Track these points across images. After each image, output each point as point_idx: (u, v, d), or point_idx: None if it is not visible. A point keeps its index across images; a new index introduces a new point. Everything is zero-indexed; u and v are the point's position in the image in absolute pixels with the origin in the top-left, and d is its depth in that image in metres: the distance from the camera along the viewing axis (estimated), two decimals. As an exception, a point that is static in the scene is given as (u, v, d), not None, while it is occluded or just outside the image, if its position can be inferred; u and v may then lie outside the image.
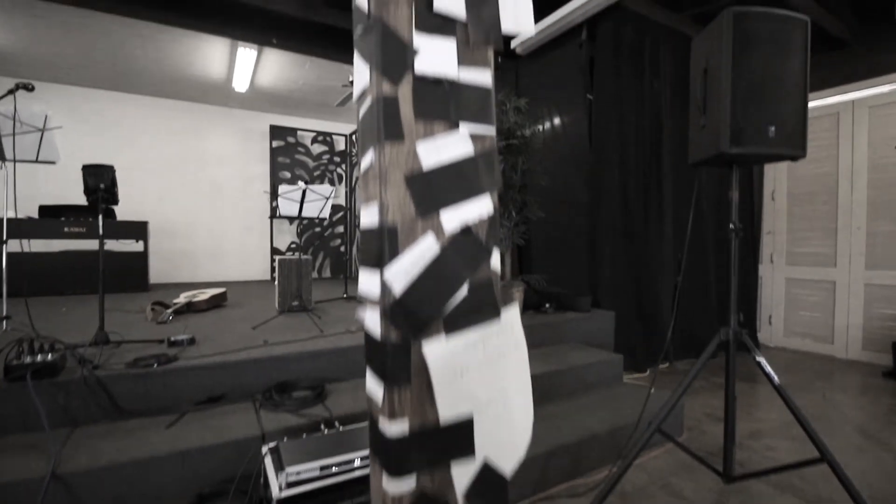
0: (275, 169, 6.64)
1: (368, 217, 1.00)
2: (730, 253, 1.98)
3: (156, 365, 2.03)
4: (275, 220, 6.68)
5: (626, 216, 4.02)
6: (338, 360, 2.41)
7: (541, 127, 4.13)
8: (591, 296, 3.98)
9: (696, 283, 4.49)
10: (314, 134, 6.96)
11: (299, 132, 6.84)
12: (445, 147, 0.96)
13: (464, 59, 0.98)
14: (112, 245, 5.10)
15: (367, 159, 1.00)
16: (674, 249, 4.26)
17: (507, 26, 1.00)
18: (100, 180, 2.25)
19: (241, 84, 5.34)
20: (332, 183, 7.09)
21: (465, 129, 1.02)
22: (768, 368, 1.94)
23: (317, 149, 7.01)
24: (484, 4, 0.97)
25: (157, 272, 5.89)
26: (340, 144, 7.18)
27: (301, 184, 3.37)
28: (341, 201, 7.18)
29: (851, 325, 4.49)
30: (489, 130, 1.06)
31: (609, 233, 3.98)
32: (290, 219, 5.08)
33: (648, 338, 4.09)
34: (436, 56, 0.93)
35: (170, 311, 3.33)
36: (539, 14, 3.70)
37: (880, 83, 4.20)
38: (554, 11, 3.54)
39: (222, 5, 3.77)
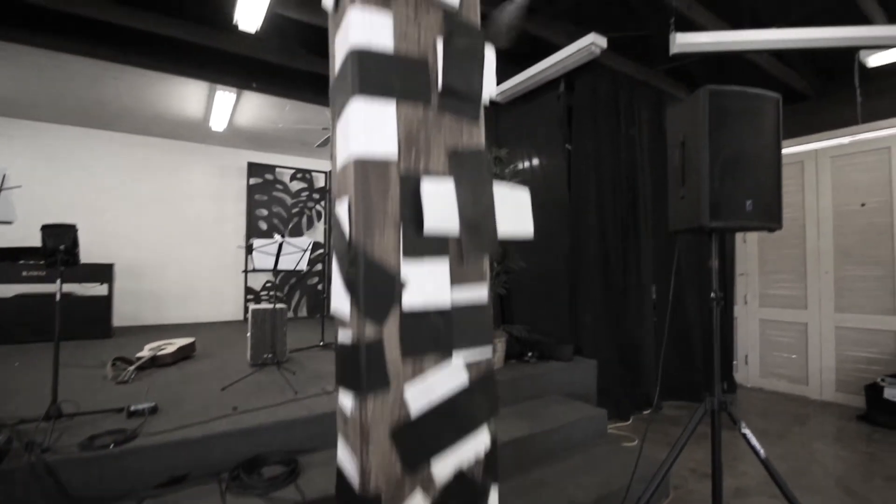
0: (251, 206, 6.51)
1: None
2: (711, 321, 1.97)
3: (112, 446, 1.87)
4: (249, 257, 6.50)
5: (606, 263, 4.05)
6: (313, 428, 2.29)
7: (521, 177, 4.17)
8: (573, 343, 3.95)
9: (675, 324, 4.52)
10: (293, 171, 6.89)
11: (278, 169, 6.77)
12: (437, 384, 0.84)
13: (457, 277, 0.84)
14: (74, 288, 4.86)
15: (348, 406, 0.86)
16: (654, 294, 4.29)
17: (504, 228, 0.87)
18: (60, 241, 2.13)
19: (218, 124, 5.27)
20: (310, 221, 6.99)
21: (460, 358, 0.88)
22: (754, 441, 1.91)
23: (296, 186, 6.93)
24: (480, 215, 0.81)
25: (123, 315, 5.62)
26: (320, 181, 7.12)
27: (277, 237, 3.27)
28: (319, 238, 7.07)
29: (825, 367, 4.57)
30: (485, 353, 0.93)
31: (589, 280, 4.00)
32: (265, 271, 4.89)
33: (630, 384, 4.07)
34: (426, 285, 0.80)
35: (132, 368, 3.15)
36: (518, 67, 3.78)
37: (840, 135, 4.42)
38: (532, 66, 3.62)
39: (201, 50, 3.74)
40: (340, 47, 0.42)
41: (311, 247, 3.45)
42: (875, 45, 2.82)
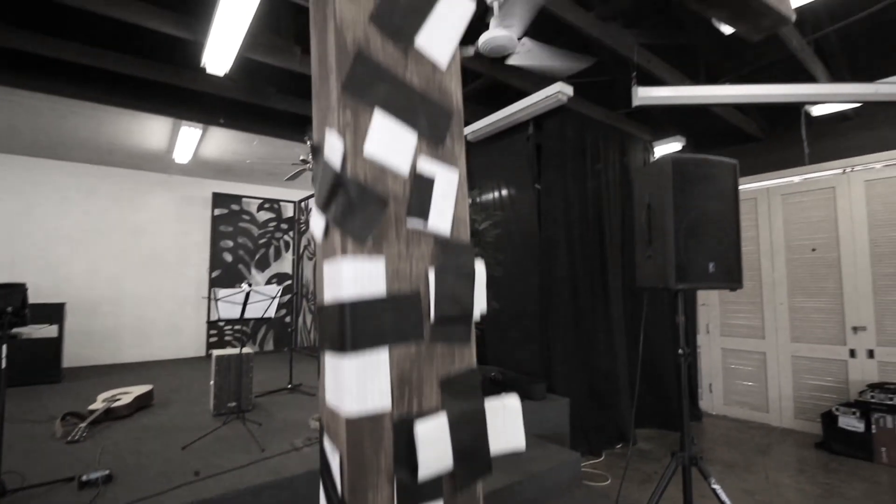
0: (216, 238, 6.32)
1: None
2: (679, 376, 2.03)
3: (61, 531, 1.73)
4: (213, 290, 6.28)
5: (575, 299, 4.12)
6: (283, 495, 2.19)
7: (494, 219, 4.23)
8: (546, 380, 3.97)
9: (645, 353, 4.61)
10: (261, 201, 6.75)
11: (244, 199, 6.61)
12: None
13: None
14: (21, 330, 4.54)
15: None
16: (621, 328, 4.39)
17: (496, 446, 0.76)
18: (8, 302, 1.99)
19: (182, 157, 5.12)
20: (278, 251, 6.83)
21: None
22: (724, 496, 1.95)
23: (263, 216, 6.78)
24: (473, 441, 0.70)
25: (74, 356, 5.29)
26: (289, 211, 7.00)
27: (244, 286, 3.18)
28: (287, 269, 6.91)
29: (783, 395, 4.75)
30: None
31: (560, 316, 4.05)
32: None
33: (602, 419, 4.11)
34: None
35: (84, 424, 2.94)
36: (488, 109, 3.86)
37: (789, 175, 4.70)
38: (502, 109, 3.70)
39: (166, 87, 3.65)
40: (331, 289, 0.41)
41: (279, 293, 3.36)
42: (818, 102, 3.04)
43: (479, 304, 0.44)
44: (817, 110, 3.79)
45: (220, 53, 2.82)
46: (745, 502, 3.20)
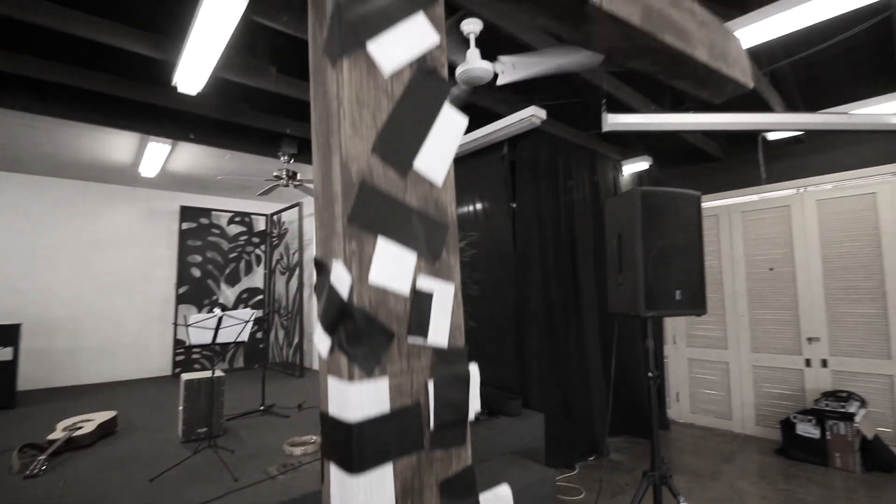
0: (183, 252, 6.14)
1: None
2: (650, 398, 2.10)
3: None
4: (180, 306, 6.09)
5: (550, 316, 4.21)
6: (257, 528, 2.15)
7: (469, 239, 4.27)
8: (521, 395, 4.03)
9: (618, 364, 4.74)
10: (231, 214, 6.60)
11: (214, 212, 6.46)
12: None
13: None
14: (-29, 353, 4.30)
15: None
16: (594, 343, 4.50)
17: None
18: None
19: (149, 171, 4.97)
20: (249, 266, 6.69)
21: None
22: (693, 514, 2.02)
23: (234, 229, 6.63)
24: None
25: (31, 378, 5.03)
26: (260, 224, 6.87)
27: (217, 311, 3.10)
28: (259, 284, 6.77)
29: (745, 403, 4.96)
30: None
31: (535, 332, 4.12)
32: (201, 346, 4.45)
33: (575, 432, 4.19)
34: None
35: (43, 456, 2.81)
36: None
37: (748, 193, 4.95)
38: (477, 130, 3.77)
39: (134, 103, 3.55)
40: (336, 406, 0.42)
41: (252, 318, 3.30)
42: (774, 129, 3.22)
43: (474, 406, 0.47)
44: (773, 135, 4.02)
45: (193, 74, 2.77)
46: (711, 512, 3.32)
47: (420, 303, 0.42)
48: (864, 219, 4.23)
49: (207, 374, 3.35)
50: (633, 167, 5.21)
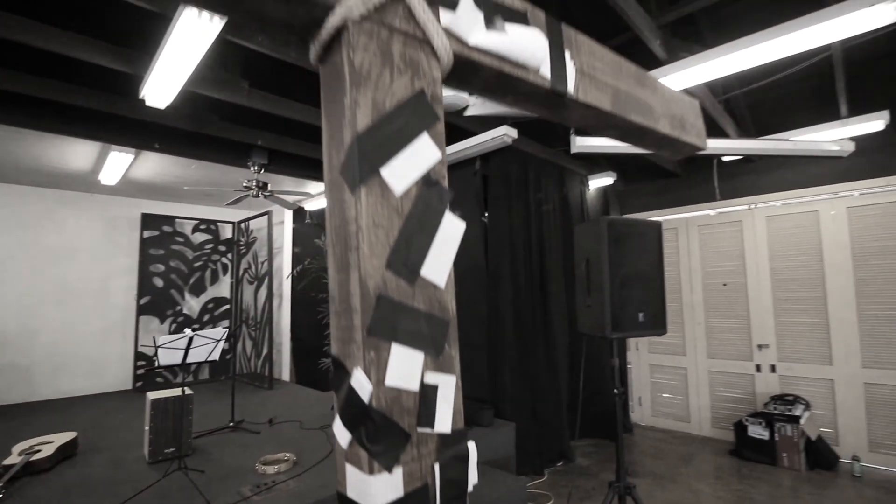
0: (145, 261, 5.93)
1: None
2: (615, 412, 2.22)
3: None
4: (142, 318, 5.88)
5: (520, 327, 4.32)
6: (232, 553, 2.13)
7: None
8: (493, 405, 4.12)
9: (586, 372, 4.91)
10: (196, 222, 6.42)
11: (178, 220, 6.27)
12: None
13: None
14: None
15: None
16: (564, 352, 4.65)
17: None
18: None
19: (110, 179, 4.79)
20: (215, 275, 6.53)
21: None
22: (654, 522, 2.15)
23: (199, 237, 6.45)
24: None
25: (-24, 396, 4.75)
26: (227, 232, 6.72)
27: (188, 331, 3.04)
28: (225, 293, 6.61)
29: (702, 407, 5.24)
30: None
31: (506, 345, 4.23)
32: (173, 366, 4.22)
33: (544, 441, 4.32)
34: None
35: (0, 483, 2.68)
36: (436, 145, 3.98)
37: (705, 208, 5.23)
38: (450, 146, 3.85)
39: (97, 113, 3.43)
40: (355, 493, 0.46)
41: (224, 336, 3.25)
42: (728, 154, 3.45)
43: (472, 480, 0.53)
44: (726, 157, 4.28)
45: (162, 89, 2.73)
46: (671, 514, 3.51)
47: (427, 396, 0.48)
48: (809, 234, 4.56)
49: (175, 392, 3.27)
50: (599, 182, 5.42)
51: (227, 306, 6.57)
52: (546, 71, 0.67)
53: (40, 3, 2.46)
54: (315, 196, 5.92)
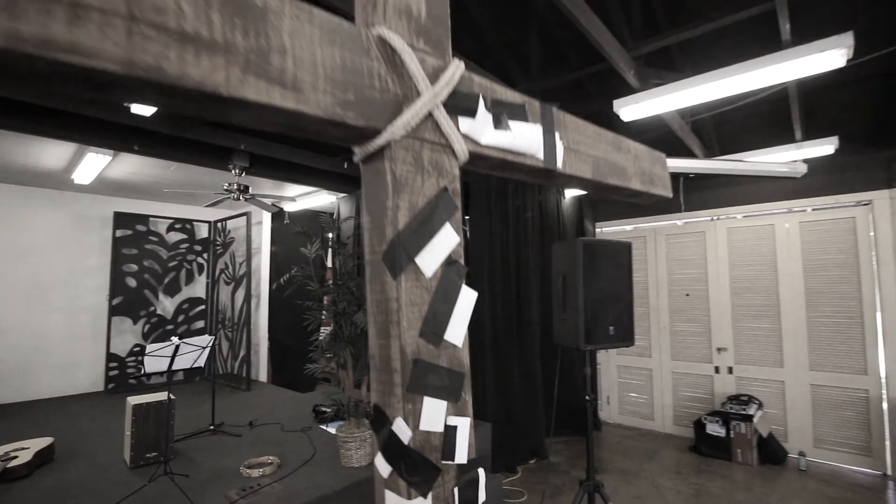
0: (118, 261, 5.82)
1: None
2: (587, 418, 2.40)
3: None
4: (114, 318, 5.77)
5: (496, 329, 4.50)
6: (222, 556, 2.21)
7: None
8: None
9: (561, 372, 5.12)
10: (171, 221, 6.33)
11: (152, 219, 6.16)
12: None
13: None
14: None
15: None
16: (536, 351, 4.85)
17: None
18: None
19: (84, 178, 4.69)
20: (190, 275, 6.45)
21: None
22: (620, 518, 2.35)
23: (174, 237, 6.35)
24: None
25: (-62, 399, 4.59)
26: (203, 231, 6.64)
27: (175, 339, 3.07)
28: (201, 293, 6.55)
29: (665, 405, 5.54)
30: None
31: (485, 347, 4.39)
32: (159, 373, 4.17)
33: (518, 440, 4.51)
34: None
35: (-23, 492, 2.66)
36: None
37: (671, 218, 5.52)
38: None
39: (73, 115, 3.39)
40: None
41: (210, 343, 3.28)
42: (696, 174, 3.69)
43: (482, 498, 0.66)
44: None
45: (150, 99, 2.73)
46: (635, 508, 3.75)
47: (449, 436, 0.61)
48: (765, 246, 4.89)
49: (157, 397, 3.29)
50: (574, 190, 5.64)
51: (203, 307, 6.51)
52: (540, 154, 0.81)
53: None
54: (296, 198, 5.93)
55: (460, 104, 0.67)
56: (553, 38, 3.02)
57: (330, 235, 5.21)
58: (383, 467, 0.59)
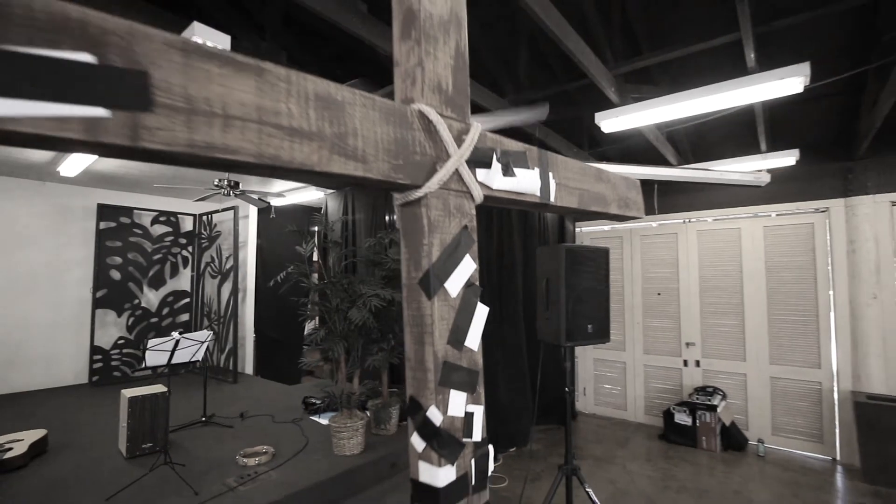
0: (101, 254, 5.80)
1: None
2: (566, 408, 2.62)
3: None
4: (98, 311, 5.76)
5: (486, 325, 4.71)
6: (227, 538, 2.36)
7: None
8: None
9: (543, 366, 5.37)
10: (155, 213, 6.31)
11: (136, 211, 6.14)
12: None
13: None
14: None
15: None
16: (521, 342, 5.08)
17: None
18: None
19: (70, 171, 4.68)
20: (175, 268, 6.46)
21: None
22: (594, 497, 2.59)
23: (158, 230, 6.35)
24: None
25: (-82, 392, 4.55)
26: (187, 224, 6.64)
27: (175, 334, 3.16)
28: (185, 286, 6.57)
29: (637, 396, 5.86)
30: None
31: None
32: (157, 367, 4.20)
33: (500, 429, 4.75)
34: None
35: (-23, 482, 2.74)
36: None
37: (647, 220, 5.80)
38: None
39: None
40: (426, 476, 0.71)
41: (209, 338, 3.38)
42: (669, 180, 3.94)
43: (491, 467, 0.84)
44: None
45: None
46: (608, 490, 4.02)
47: (469, 419, 0.79)
48: (731, 248, 5.21)
49: (150, 389, 3.39)
50: (555, 191, 5.86)
51: (188, 300, 6.54)
52: (538, 192, 0.99)
53: None
54: (284, 193, 6.00)
55: (478, 159, 0.84)
56: (540, 51, 3.20)
57: (316, 229, 5.32)
58: (419, 444, 0.76)
